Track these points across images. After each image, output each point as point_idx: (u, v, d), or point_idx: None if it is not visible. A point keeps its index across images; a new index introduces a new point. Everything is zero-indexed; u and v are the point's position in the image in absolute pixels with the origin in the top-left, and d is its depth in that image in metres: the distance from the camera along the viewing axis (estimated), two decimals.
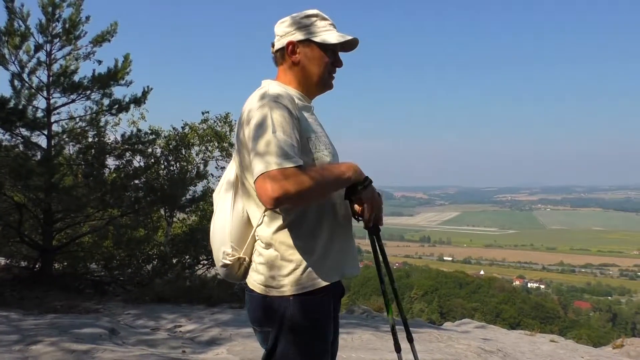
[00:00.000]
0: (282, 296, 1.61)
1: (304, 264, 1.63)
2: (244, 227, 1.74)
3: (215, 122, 12.32)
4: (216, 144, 11.91)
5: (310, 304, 1.63)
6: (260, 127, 1.55)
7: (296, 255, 1.63)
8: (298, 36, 1.74)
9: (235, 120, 12.11)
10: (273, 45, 1.81)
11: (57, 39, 8.37)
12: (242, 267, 1.75)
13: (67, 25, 8.34)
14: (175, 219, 11.58)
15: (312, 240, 1.66)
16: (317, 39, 1.74)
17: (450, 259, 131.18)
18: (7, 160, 7.71)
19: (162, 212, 11.09)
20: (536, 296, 62.62)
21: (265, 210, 1.65)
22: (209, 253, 10.12)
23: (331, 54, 1.78)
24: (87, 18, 8.55)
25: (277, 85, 1.73)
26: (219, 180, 1.92)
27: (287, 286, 1.61)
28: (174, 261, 10.03)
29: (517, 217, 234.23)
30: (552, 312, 51.45)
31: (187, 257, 10.29)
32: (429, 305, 54.36)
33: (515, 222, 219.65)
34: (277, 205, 1.49)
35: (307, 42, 1.75)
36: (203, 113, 12.37)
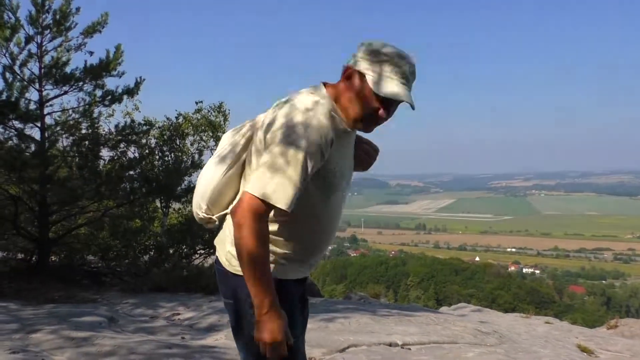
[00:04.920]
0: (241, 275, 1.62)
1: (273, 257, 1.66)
2: (226, 194, 1.78)
3: (209, 111, 12.26)
4: (210, 134, 11.86)
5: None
6: (285, 149, 1.53)
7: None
8: (360, 66, 1.63)
9: (229, 110, 12.09)
10: None
11: (48, 31, 8.30)
12: (209, 225, 1.86)
13: (57, 17, 8.26)
14: (171, 209, 11.58)
15: (289, 239, 1.70)
16: (368, 80, 1.61)
17: (445, 246, 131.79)
18: (1, 153, 7.68)
19: (158, 202, 11.08)
20: (531, 281, 63.06)
21: None
22: (205, 242, 10.16)
23: (383, 102, 1.63)
24: (78, 9, 8.46)
25: (328, 103, 1.66)
26: None
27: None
28: (171, 251, 10.06)
29: (511, 203, 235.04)
30: (547, 297, 51.88)
31: (184, 246, 10.33)
32: (425, 293, 54.74)
33: (510, 209, 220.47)
34: (232, 218, 1.59)
35: (363, 75, 1.62)
36: (197, 103, 12.32)
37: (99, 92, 8.78)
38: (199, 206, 1.82)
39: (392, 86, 1.59)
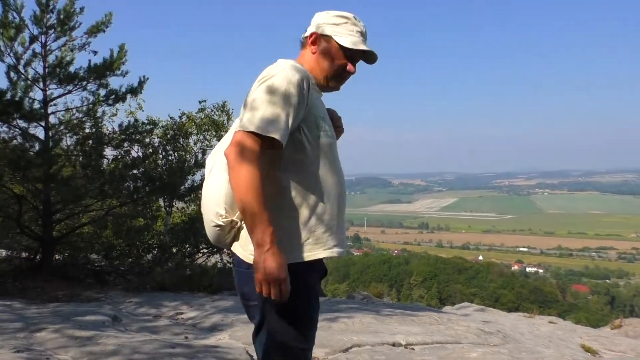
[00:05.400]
0: None
1: (296, 234, 1.68)
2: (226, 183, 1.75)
3: (212, 110, 12.29)
4: (214, 133, 11.88)
5: (297, 275, 1.64)
6: (274, 89, 1.62)
7: (289, 225, 1.67)
8: (324, 30, 1.84)
9: (233, 110, 12.11)
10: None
11: (52, 30, 8.33)
12: (232, 231, 1.76)
13: (61, 16, 8.29)
14: (174, 209, 11.60)
15: (303, 208, 1.70)
16: (337, 39, 1.83)
17: (448, 245, 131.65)
18: (5, 152, 7.71)
19: (161, 201, 11.11)
20: (534, 280, 62.97)
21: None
22: (208, 241, 10.16)
23: (349, 58, 1.85)
24: (82, 9, 8.49)
25: (296, 62, 1.79)
26: None
27: None
28: (174, 250, 10.09)
29: (514, 202, 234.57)
30: (550, 296, 51.79)
31: (187, 245, 10.35)
32: (428, 292, 54.67)
33: (513, 207, 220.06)
34: (226, 159, 1.60)
35: (328, 37, 1.84)
36: (200, 102, 12.35)
37: (102, 92, 8.81)
38: (217, 214, 1.75)
39: (357, 41, 1.83)
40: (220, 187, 1.75)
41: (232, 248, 1.79)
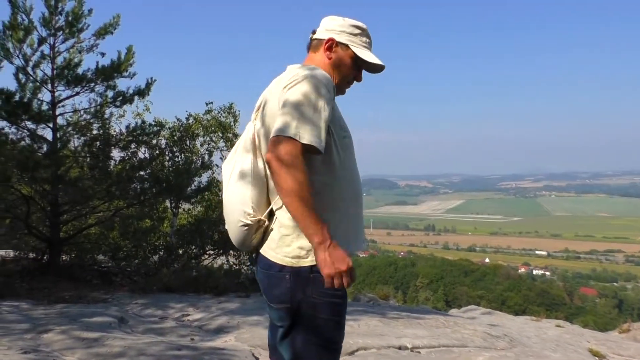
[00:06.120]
0: (306, 266, 1.66)
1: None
2: (264, 191, 1.77)
3: (219, 112, 12.30)
4: (220, 135, 11.89)
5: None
6: (307, 94, 1.62)
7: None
8: (341, 38, 1.87)
9: (239, 111, 12.13)
10: (314, 32, 1.92)
11: (60, 32, 8.37)
12: (259, 231, 1.77)
13: (70, 18, 8.33)
14: (180, 210, 11.62)
15: (335, 211, 1.72)
16: (355, 50, 1.87)
17: (455, 247, 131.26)
18: (13, 153, 7.75)
19: (168, 203, 11.13)
20: (541, 283, 62.68)
21: None
22: (215, 243, 10.18)
23: (357, 67, 1.91)
24: (90, 11, 8.53)
25: (319, 68, 1.77)
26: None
27: (307, 254, 1.66)
28: (180, 251, 10.09)
29: (521, 205, 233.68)
30: (557, 299, 51.56)
31: (194, 247, 10.35)
32: (435, 294, 54.55)
33: (519, 210, 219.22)
34: (269, 164, 1.58)
35: (345, 47, 1.88)
36: (207, 104, 12.36)
37: (110, 93, 8.85)
38: (245, 213, 1.74)
39: (371, 55, 1.89)
40: (245, 188, 1.75)
41: (261, 251, 1.79)
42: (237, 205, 1.76)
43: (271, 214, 1.78)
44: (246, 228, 1.75)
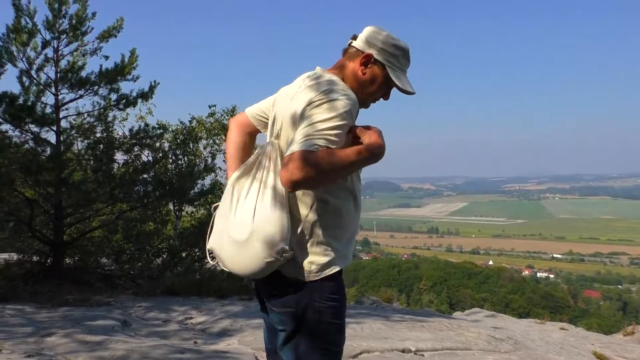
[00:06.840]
0: (315, 280, 1.65)
1: (335, 247, 1.69)
2: (286, 214, 1.62)
3: (222, 115, 12.34)
4: (223, 137, 11.93)
5: (334, 286, 1.68)
6: (329, 111, 1.57)
7: (327, 238, 1.68)
8: (379, 57, 1.79)
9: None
10: (354, 38, 1.85)
11: (64, 36, 8.40)
12: (286, 256, 1.61)
13: (73, 22, 8.36)
14: (184, 213, 11.63)
15: (343, 229, 1.72)
16: (390, 73, 1.80)
17: (458, 249, 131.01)
18: (17, 156, 7.77)
19: (171, 205, 11.15)
20: (545, 286, 62.48)
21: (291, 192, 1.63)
22: None
23: (387, 87, 1.85)
24: (94, 14, 8.55)
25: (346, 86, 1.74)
26: (226, 173, 1.92)
27: (318, 269, 1.66)
28: (184, 255, 10.10)
29: (525, 207, 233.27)
30: (561, 302, 51.35)
31: (197, 250, 10.36)
32: (438, 296, 54.38)
33: (523, 212, 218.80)
34: (287, 181, 1.47)
35: (381, 65, 1.80)
36: (210, 107, 12.40)
37: (113, 96, 8.87)
38: (280, 250, 1.58)
39: (405, 81, 1.83)
40: (283, 217, 1.60)
41: (280, 269, 1.67)
42: (271, 236, 1.58)
43: None
44: (270, 263, 1.61)
